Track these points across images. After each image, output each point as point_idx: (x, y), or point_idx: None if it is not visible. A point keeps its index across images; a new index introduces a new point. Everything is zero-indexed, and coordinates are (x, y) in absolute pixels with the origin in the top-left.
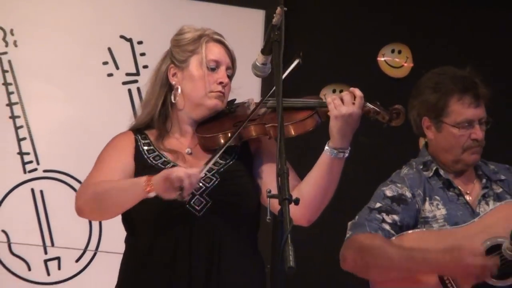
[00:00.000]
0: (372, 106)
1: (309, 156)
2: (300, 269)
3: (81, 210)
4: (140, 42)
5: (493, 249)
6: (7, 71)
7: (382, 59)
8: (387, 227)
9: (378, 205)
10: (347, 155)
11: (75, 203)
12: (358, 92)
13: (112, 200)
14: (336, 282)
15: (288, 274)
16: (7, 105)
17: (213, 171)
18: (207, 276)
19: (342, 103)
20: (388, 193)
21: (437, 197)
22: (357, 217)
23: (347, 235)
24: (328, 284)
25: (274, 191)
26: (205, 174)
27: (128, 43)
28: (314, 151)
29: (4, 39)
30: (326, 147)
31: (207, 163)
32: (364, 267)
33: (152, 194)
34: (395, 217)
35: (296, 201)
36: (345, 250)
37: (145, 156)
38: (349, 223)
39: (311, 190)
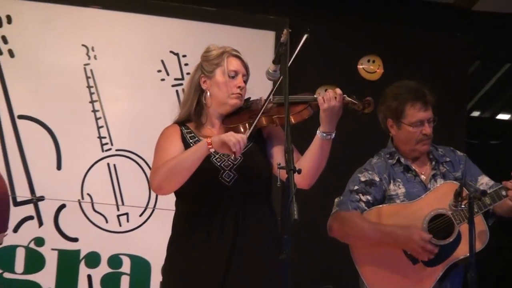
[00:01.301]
0: (349, 99)
1: (306, 139)
2: (301, 221)
3: (160, 187)
4: (184, 56)
5: (436, 218)
6: (89, 77)
7: (361, 66)
8: (362, 204)
9: (355, 187)
10: (333, 136)
11: (152, 184)
12: (338, 90)
13: (184, 166)
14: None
15: (293, 223)
16: (89, 102)
17: (238, 157)
18: (235, 227)
19: (329, 99)
20: (362, 178)
21: (398, 179)
22: (341, 197)
23: (333, 210)
24: (320, 232)
25: (283, 164)
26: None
27: (176, 56)
28: (309, 135)
29: (87, 54)
30: (318, 131)
31: (247, 133)
32: (345, 235)
33: (212, 149)
34: (368, 197)
35: (299, 171)
36: (331, 222)
37: (189, 141)
38: (336, 200)
39: (308, 163)
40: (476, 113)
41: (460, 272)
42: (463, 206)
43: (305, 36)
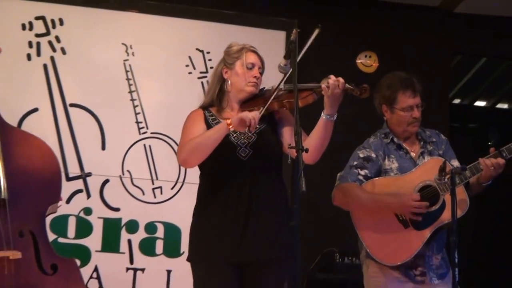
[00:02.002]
0: (349, 86)
1: (311, 122)
2: (308, 193)
3: (185, 161)
4: (208, 52)
5: (424, 188)
6: (128, 71)
7: (359, 61)
8: (361, 177)
9: (355, 163)
10: (335, 118)
11: (179, 159)
12: (341, 79)
13: (207, 143)
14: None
15: (302, 195)
16: (128, 92)
17: (253, 131)
18: (250, 196)
19: (333, 87)
20: (361, 155)
21: (392, 155)
22: (342, 171)
23: (336, 183)
24: (325, 201)
25: (292, 144)
26: (249, 133)
27: (201, 53)
28: (314, 119)
29: (126, 51)
30: (322, 114)
31: (260, 113)
32: (345, 204)
33: (232, 128)
34: (366, 171)
35: (307, 150)
36: (335, 192)
37: (211, 122)
38: (338, 175)
39: (314, 142)
40: (457, 101)
41: (444, 235)
42: (446, 179)
43: (316, 31)
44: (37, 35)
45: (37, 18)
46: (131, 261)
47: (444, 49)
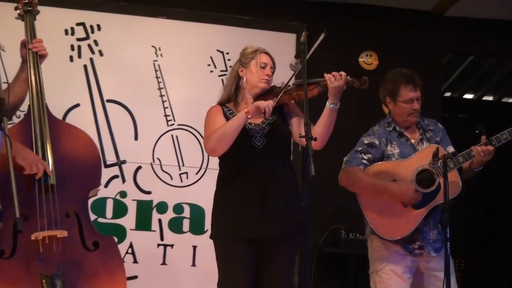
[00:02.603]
0: (350, 79)
1: (316, 114)
2: (317, 176)
3: (213, 150)
4: (227, 53)
5: (422, 172)
6: (157, 70)
7: (361, 59)
8: (365, 161)
9: (360, 148)
10: (338, 107)
11: (207, 149)
12: (343, 73)
13: (230, 131)
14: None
15: (311, 180)
16: (157, 89)
17: (266, 123)
18: (265, 179)
19: (335, 80)
20: (366, 141)
21: (394, 142)
22: (348, 155)
23: (343, 166)
24: (332, 183)
25: (302, 133)
26: (262, 124)
27: (221, 54)
28: (320, 111)
29: (155, 52)
30: (327, 104)
31: (274, 101)
32: (350, 185)
33: (249, 116)
34: (369, 155)
35: (315, 139)
36: (341, 174)
37: (229, 116)
38: (344, 159)
39: (320, 128)
40: (448, 94)
41: (439, 213)
42: (438, 164)
43: (322, 35)
44: (78, 39)
45: (78, 24)
46: (161, 238)
47: (436, 48)
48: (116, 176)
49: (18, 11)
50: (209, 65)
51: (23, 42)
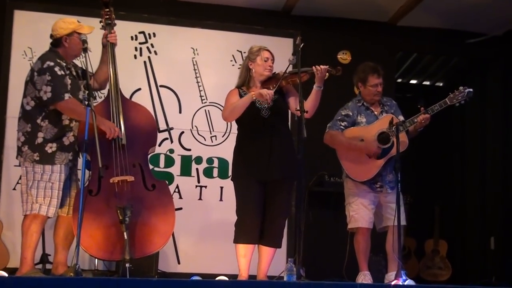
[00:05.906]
0: (329, 68)
1: (307, 93)
2: (308, 138)
3: (226, 118)
4: (244, 52)
5: (381, 133)
6: (195, 65)
7: (339, 56)
8: (342, 127)
9: (338, 118)
10: (322, 88)
11: (223, 116)
12: (323, 66)
13: (239, 106)
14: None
15: (303, 140)
16: (195, 77)
17: (268, 102)
18: (271, 138)
19: (320, 70)
20: (343, 113)
21: (362, 114)
22: (330, 123)
23: (326, 130)
24: (318, 143)
25: (297, 107)
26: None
27: (240, 53)
28: (308, 92)
29: (194, 52)
30: (314, 86)
31: (273, 89)
32: (332, 143)
33: (254, 97)
34: (345, 123)
35: (307, 112)
36: (325, 136)
37: (242, 94)
38: (328, 125)
39: (309, 104)
40: (399, 80)
41: (393, 162)
42: (393, 128)
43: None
44: (140, 43)
45: (139, 32)
46: (198, 181)
47: (391, 48)
48: (166, 138)
49: (101, 23)
50: (231, 60)
51: (105, 34)
